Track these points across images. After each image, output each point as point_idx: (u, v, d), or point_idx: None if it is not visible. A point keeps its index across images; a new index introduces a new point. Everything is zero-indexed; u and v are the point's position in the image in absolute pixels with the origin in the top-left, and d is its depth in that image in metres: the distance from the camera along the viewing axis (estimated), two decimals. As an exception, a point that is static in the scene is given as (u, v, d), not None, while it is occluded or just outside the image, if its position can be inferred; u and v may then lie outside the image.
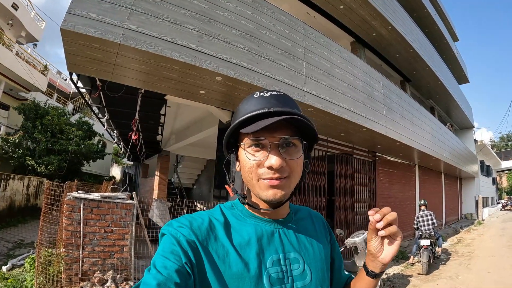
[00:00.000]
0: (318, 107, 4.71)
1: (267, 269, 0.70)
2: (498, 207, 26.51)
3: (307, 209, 0.92)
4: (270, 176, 0.69)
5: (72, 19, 2.78)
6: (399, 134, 7.14)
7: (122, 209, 4.28)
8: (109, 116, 6.97)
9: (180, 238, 0.65)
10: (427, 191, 12.23)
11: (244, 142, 0.72)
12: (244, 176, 0.73)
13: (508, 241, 10.27)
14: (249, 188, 0.75)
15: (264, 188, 0.69)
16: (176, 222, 0.69)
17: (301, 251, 0.77)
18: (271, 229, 0.76)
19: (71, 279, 4.04)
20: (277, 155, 0.68)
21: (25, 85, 14.80)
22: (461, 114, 16.53)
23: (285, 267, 0.72)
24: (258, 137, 0.69)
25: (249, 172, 0.70)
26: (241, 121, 0.70)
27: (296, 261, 0.75)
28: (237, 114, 0.74)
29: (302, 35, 4.82)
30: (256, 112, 0.69)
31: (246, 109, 0.72)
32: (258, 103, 0.72)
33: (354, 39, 8.21)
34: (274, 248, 0.73)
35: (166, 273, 0.58)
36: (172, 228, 0.67)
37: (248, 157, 0.70)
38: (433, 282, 5.66)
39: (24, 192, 10.65)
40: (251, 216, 0.76)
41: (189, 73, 3.60)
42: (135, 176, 17.81)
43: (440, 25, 12.09)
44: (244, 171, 0.72)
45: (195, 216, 0.72)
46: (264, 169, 0.69)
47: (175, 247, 0.63)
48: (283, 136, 0.70)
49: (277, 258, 0.72)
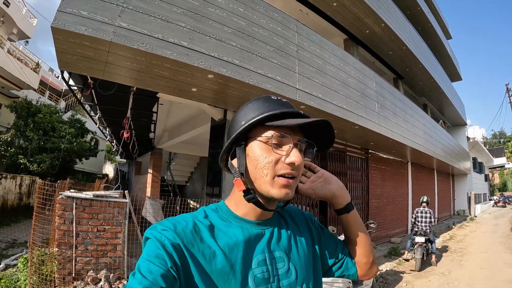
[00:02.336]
0: (311, 104, 4.73)
1: (252, 269, 0.71)
2: (490, 204, 26.83)
3: (287, 206, 0.92)
4: (288, 172, 0.69)
5: (63, 17, 2.76)
6: (392, 131, 7.19)
7: (115, 207, 4.26)
8: (101, 114, 6.94)
9: (165, 241, 0.64)
10: (419, 188, 12.34)
11: (265, 136, 0.71)
12: (255, 172, 0.71)
13: (500, 237, 10.43)
14: (254, 184, 0.73)
15: (278, 186, 0.70)
16: (160, 226, 0.68)
17: (285, 250, 0.78)
18: (257, 230, 0.76)
19: (65, 278, 4.02)
20: (299, 152, 0.71)
21: (16, 83, 14.62)
22: (453, 111, 16.68)
23: (271, 266, 0.73)
24: (285, 133, 0.70)
25: (265, 167, 0.70)
26: (274, 114, 0.70)
27: (281, 260, 0.76)
28: (255, 108, 0.73)
29: (295, 32, 4.82)
30: (290, 110, 0.72)
31: (269, 106, 0.73)
32: (281, 104, 0.74)
33: (347, 37, 8.23)
34: (261, 248, 0.74)
35: (152, 278, 0.57)
36: (156, 232, 0.66)
37: (273, 151, 0.70)
38: (426, 279, 5.72)
39: (17, 191, 10.55)
40: (236, 218, 0.76)
41: (181, 71, 3.59)
42: (128, 174, 17.75)
43: (433, 23, 12.16)
44: (256, 167, 0.71)
45: (179, 219, 0.71)
46: (283, 165, 0.70)
47: (160, 251, 0.62)
48: (303, 138, 0.73)
49: (262, 258, 0.73)
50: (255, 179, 0.72)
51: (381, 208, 9.17)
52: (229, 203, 0.79)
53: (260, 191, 0.72)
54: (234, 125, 0.75)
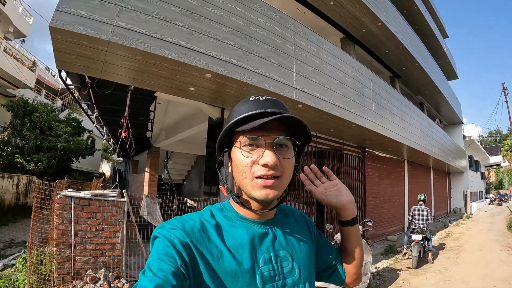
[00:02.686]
0: (308, 103, 4.75)
1: (260, 268, 0.72)
2: (486, 202, 26.97)
3: (288, 206, 0.96)
4: (264, 173, 0.70)
5: (61, 16, 2.77)
6: (388, 130, 7.24)
7: (113, 207, 4.27)
8: (99, 113, 6.93)
9: (174, 240, 0.65)
10: (416, 186, 12.42)
11: (239, 141, 0.73)
12: (237, 176, 0.74)
13: (496, 235, 10.51)
14: (241, 188, 0.76)
15: (257, 187, 0.71)
16: (169, 225, 0.69)
17: (289, 249, 0.80)
18: (261, 229, 0.78)
19: (63, 278, 4.03)
20: (272, 153, 0.71)
21: (13, 82, 14.53)
22: (450, 110, 16.76)
23: (276, 265, 0.75)
24: (254, 136, 0.72)
25: (243, 171, 0.72)
26: (239, 119, 0.73)
27: (286, 258, 0.78)
28: (232, 114, 0.77)
29: (292, 31, 4.84)
30: (253, 111, 0.73)
31: (242, 110, 0.75)
32: (254, 105, 0.75)
33: (344, 35, 8.25)
34: (266, 247, 0.76)
35: (163, 276, 0.58)
36: (165, 231, 0.67)
37: (244, 155, 0.72)
38: (422, 276, 5.77)
39: (14, 190, 10.51)
40: (240, 218, 0.78)
41: (179, 70, 3.61)
42: (125, 173, 17.70)
43: (430, 22, 12.21)
44: (237, 170, 0.74)
45: (186, 218, 0.72)
46: (259, 167, 0.71)
47: (170, 250, 0.64)
48: (278, 136, 0.73)
49: (268, 257, 0.75)
50: (239, 183, 0.75)
51: (377, 206, 9.23)
52: (233, 202, 0.81)
53: (246, 194, 0.75)
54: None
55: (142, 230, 5.36)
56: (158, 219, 6.27)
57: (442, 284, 5.29)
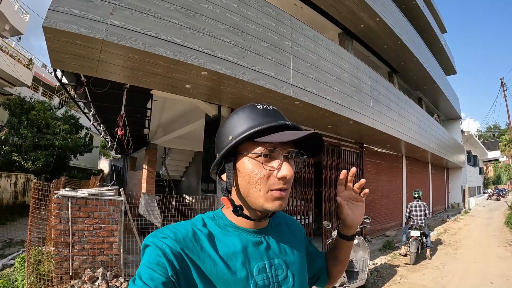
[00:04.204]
0: (305, 100, 4.73)
1: (254, 277, 0.71)
2: (484, 197, 27.10)
3: (280, 213, 0.94)
4: (281, 187, 0.70)
5: (54, 16, 2.73)
6: (386, 126, 7.23)
7: (110, 205, 4.25)
8: (95, 111, 6.90)
9: (166, 249, 0.64)
10: (414, 181, 12.45)
11: (254, 152, 0.70)
12: (247, 187, 0.71)
13: (494, 230, 10.56)
14: (246, 199, 0.73)
15: (272, 199, 0.70)
16: (160, 233, 0.68)
17: (283, 257, 0.80)
18: (255, 238, 0.77)
19: (62, 277, 4.03)
20: (289, 167, 0.70)
21: (10, 80, 14.43)
22: (448, 105, 16.77)
23: (271, 273, 0.74)
24: (274, 148, 0.70)
25: (258, 183, 0.70)
26: (261, 129, 0.69)
27: (280, 267, 0.77)
28: (241, 122, 0.72)
29: (289, 28, 4.81)
30: (276, 123, 0.70)
31: (255, 119, 0.71)
32: (267, 115, 0.72)
33: (342, 31, 8.22)
34: (260, 256, 0.75)
35: (153, 285, 0.58)
36: (156, 240, 0.66)
37: (260, 167, 0.70)
38: (420, 272, 5.80)
39: (12, 189, 10.49)
40: (234, 227, 0.76)
41: (174, 68, 3.57)
42: (123, 170, 17.68)
43: (428, 17, 12.16)
44: (249, 182, 0.71)
45: (179, 227, 0.71)
46: (275, 180, 0.70)
47: (161, 259, 0.62)
48: (293, 149, 0.73)
49: (262, 266, 0.74)
50: (247, 194, 0.72)
51: (375, 201, 9.25)
52: (225, 211, 0.79)
53: (253, 205, 0.72)
54: (221, 138, 0.75)
55: (140, 227, 5.37)
56: (157, 216, 6.27)
57: (439, 280, 5.31)
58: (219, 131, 0.77)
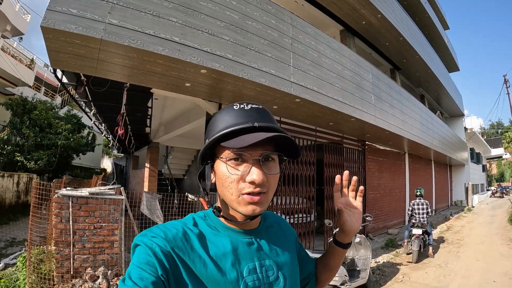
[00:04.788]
0: (305, 97, 4.70)
1: (244, 278, 0.70)
2: (487, 194, 26.98)
3: (273, 214, 0.95)
4: (252, 191, 0.68)
5: (52, 15, 2.72)
6: (388, 123, 7.19)
7: (111, 204, 4.26)
8: (96, 110, 6.90)
9: (156, 249, 0.63)
10: (417, 178, 12.40)
11: (224, 156, 0.70)
12: (222, 190, 0.72)
13: (497, 228, 10.49)
14: (225, 201, 0.73)
15: (244, 204, 0.69)
16: (150, 233, 0.67)
17: (274, 258, 0.79)
18: (246, 239, 0.76)
19: (63, 276, 4.04)
20: (259, 170, 0.69)
21: (12, 80, 14.50)
22: (451, 102, 16.67)
23: (261, 274, 0.74)
24: (241, 151, 0.69)
25: (230, 187, 0.69)
26: (224, 134, 0.69)
27: (271, 268, 0.76)
28: (215, 125, 0.73)
29: (289, 25, 4.77)
30: (240, 126, 0.69)
31: (227, 121, 0.71)
32: (240, 116, 0.71)
33: (343, 28, 8.17)
34: (250, 257, 0.74)
35: (143, 285, 0.57)
36: (146, 239, 0.65)
37: (230, 171, 0.69)
38: (422, 270, 5.76)
39: (14, 189, 10.54)
40: (224, 227, 0.76)
41: (173, 67, 3.56)
42: (126, 168, 17.73)
43: (430, 13, 12.08)
44: (223, 185, 0.71)
45: (169, 226, 0.70)
46: (246, 184, 0.69)
47: (151, 258, 0.62)
48: (265, 151, 0.70)
49: (253, 267, 0.73)
50: (224, 196, 0.73)
51: (378, 199, 9.21)
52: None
53: (232, 207, 0.72)
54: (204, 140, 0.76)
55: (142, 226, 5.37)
56: (158, 215, 6.27)
57: (442, 279, 5.28)
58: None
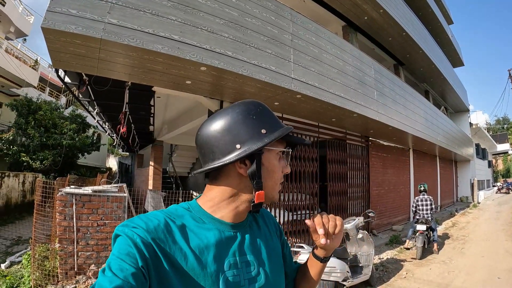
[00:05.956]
0: (307, 93, 4.69)
1: (224, 272, 0.70)
2: (493, 190, 26.75)
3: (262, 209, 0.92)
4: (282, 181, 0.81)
5: (53, 16, 2.75)
6: (392, 118, 7.14)
7: (114, 202, 4.30)
8: (99, 109, 6.95)
9: (137, 239, 0.62)
10: (421, 174, 12.31)
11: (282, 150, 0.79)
12: (271, 181, 0.77)
13: (503, 224, 10.38)
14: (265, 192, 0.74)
15: (277, 192, 0.79)
16: (131, 223, 0.66)
17: (256, 253, 0.78)
18: (230, 232, 0.75)
19: (67, 273, 4.09)
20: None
21: (16, 81, 14.65)
22: (456, 97, 16.52)
23: (241, 270, 0.73)
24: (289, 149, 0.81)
25: (277, 178, 0.78)
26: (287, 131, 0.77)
27: (252, 263, 0.76)
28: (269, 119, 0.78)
29: (289, 21, 4.76)
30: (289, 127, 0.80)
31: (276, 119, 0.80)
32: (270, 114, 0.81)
33: (346, 23, 8.12)
34: (232, 251, 0.74)
35: (123, 276, 0.56)
36: (127, 229, 0.64)
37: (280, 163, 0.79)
38: (427, 267, 5.72)
39: (20, 188, 10.67)
40: (211, 218, 0.74)
41: (173, 65, 3.57)
42: (131, 167, 17.84)
43: (434, 8, 11.95)
44: (273, 177, 0.77)
45: (150, 216, 0.69)
46: (281, 175, 0.80)
47: (131, 249, 0.61)
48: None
49: (234, 262, 0.73)
50: (267, 187, 0.76)
51: (382, 195, 9.17)
52: (203, 203, 0.77)
53: (269, 197, 0.77)
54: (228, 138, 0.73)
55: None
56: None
57: (446, 275, 5.25)
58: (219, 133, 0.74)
